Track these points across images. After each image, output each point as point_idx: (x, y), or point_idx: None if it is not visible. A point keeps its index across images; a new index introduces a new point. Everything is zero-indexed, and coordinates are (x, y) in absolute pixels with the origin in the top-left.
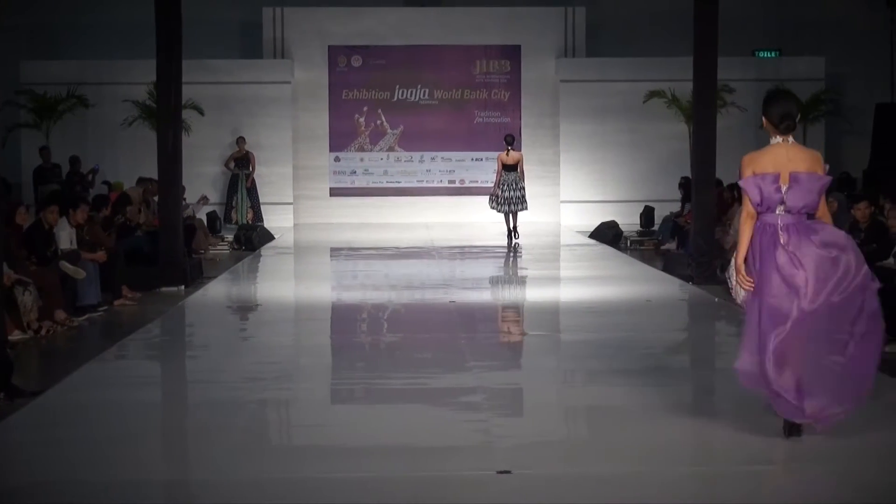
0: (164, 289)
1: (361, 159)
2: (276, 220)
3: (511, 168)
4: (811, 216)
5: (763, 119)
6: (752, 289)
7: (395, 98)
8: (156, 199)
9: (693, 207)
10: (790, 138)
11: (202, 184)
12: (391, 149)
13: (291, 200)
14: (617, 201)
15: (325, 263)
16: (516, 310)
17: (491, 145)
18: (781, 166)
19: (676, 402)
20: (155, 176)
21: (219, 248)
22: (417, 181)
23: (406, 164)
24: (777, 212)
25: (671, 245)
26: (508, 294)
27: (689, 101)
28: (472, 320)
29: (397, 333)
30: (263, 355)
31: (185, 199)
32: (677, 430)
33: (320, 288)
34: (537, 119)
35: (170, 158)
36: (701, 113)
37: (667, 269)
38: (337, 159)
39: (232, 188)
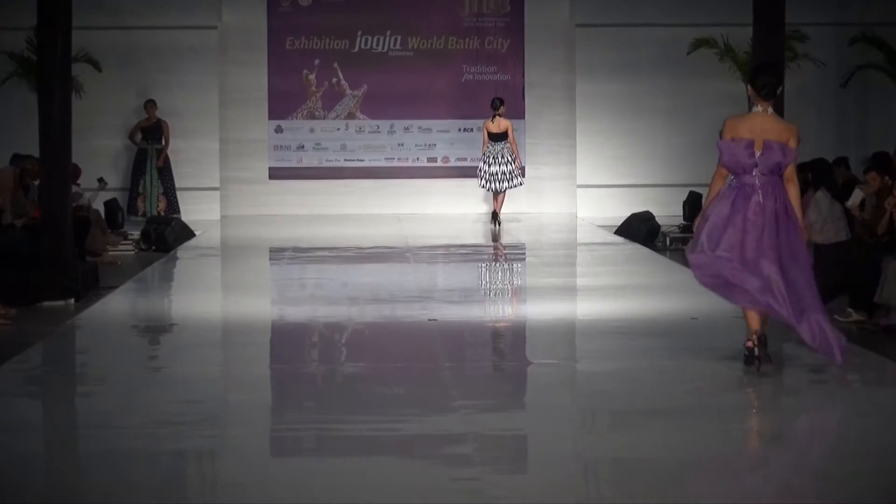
0: (47, 303)
1: (312, 130)
2: (198, 210)
3: (499, 137)
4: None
5: (748, 87)
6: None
7: (357, 48)
8: (37, 183)
9: None
10: (769, 108)
11: (98, 163)
12: (351, 116)
13: (218, 185)
14: (652, 185)
15: (263, 269)
16: (518, 330)
17: (484, 110)
18: (756, 134)
19: (728, 455)
20: (35, 153)
21: (121, 248)
22: (386, 159)
23: (371, 135)
24: (754, 173)
25: None
26: (508, 309)
27: (748, 53)
28: (459, 344)
29: (359, 362)
30: (181, 391)
31: (76, 184)
32: (728, 491)
33: (256, 301)
34: (546, 76)
35: (56, 129)
36: None
37: None
38: (279, 130)
39: (138, 168)
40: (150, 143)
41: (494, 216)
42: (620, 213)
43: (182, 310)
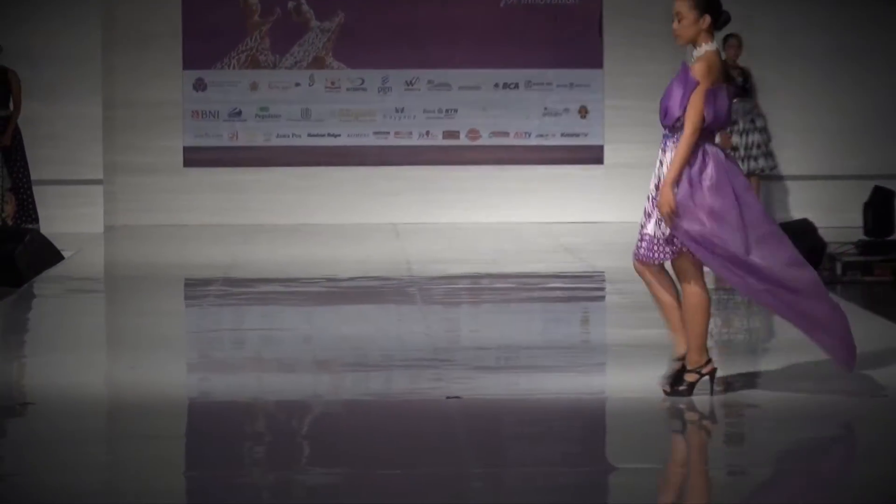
0: None
1: (254, 86)
2: (68, 217)
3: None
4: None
5: (702, 19)
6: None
7: None
8: None
9: None
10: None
11: None
12: (319, 63)
13: (101, 176)
14: (811, 177)
15: (175, 313)
16: (595, 414)
17: (540, 55)
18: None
19: None
20: None
21: None
22: (376, 134)
23: (351, 95)
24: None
25: None
26: (577, 380)
27: None
28: (496, 438)
29: (333, 467)
30: None
31: None
32: None
33: (164, 367)
34: None
35: None
36: None
37: None
38: (200, 86)
39: None
40: None
41: None
42: None
43: (42, 380)
